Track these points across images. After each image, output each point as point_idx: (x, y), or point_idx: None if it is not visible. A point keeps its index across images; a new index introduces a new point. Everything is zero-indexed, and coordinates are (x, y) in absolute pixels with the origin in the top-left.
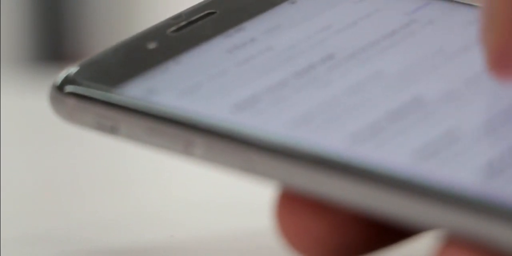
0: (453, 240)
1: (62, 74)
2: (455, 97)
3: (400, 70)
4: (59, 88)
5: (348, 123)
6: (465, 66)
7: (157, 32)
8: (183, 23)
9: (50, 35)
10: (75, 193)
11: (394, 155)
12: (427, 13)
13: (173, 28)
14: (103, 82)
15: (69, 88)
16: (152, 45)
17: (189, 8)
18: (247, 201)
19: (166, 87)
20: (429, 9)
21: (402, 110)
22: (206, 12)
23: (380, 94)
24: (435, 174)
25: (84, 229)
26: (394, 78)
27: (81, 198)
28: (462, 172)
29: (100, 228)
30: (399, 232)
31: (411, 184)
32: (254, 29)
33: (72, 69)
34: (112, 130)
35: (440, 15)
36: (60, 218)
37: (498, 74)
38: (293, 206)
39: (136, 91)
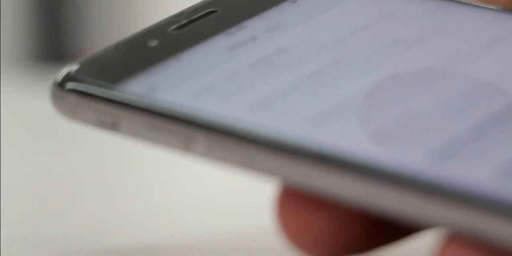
0: (454, 238)
1: (63, 71)
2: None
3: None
4: (60, 85)
5: (346, 120)
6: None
7: (158, 30)
8: (185, 21)
9: (50, 35)
10: (75, 193)
11: (395, 152)
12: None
13: (175, 26)
14: (104, 79)
15: (70, 85)
16: (153, 43)
17: (190, 7)
18: (247, 201)
19: (167, 84)
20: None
21: (396, 107)
22: (207, 10)
23: (380, 92)
24: (437, 171)
25: (84, 229)
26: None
27: (81, 198)
28: (464, 169)
29: (100, 228)
30: (401, 230)
31: (412, 181)
32: (255, 27)
33: (73, 66)
34: (113, 126)
35: (419, 12)
36: (60, 218)
37: None
38: (294, 203)
39: (137, 88)
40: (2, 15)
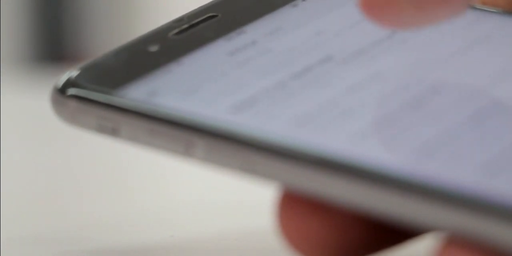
0: (453, 240)
1: (64, 77)
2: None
3: (397, 70)
4: (61, 91)
5: (347, 123)
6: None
7: (159, 35)
8: (185, 26)
9: (50, 35)
10: (75, 193)
11: (395, 155)
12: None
13: (175, 31)
14: (105, 85)
15: (71, 91)
16: (153, 48)
17: (191, 11)
18: (247, 202)
19: (167, 89)
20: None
21: (400, 110)
22: (208, 15)
23: (381, 95)
24: (436, 174)
25: (84, 229)
26: (392, 80)
27: (81, 198)
28: (461, 172)
29: (100, 228)
30: (400, 234)
31: (412, 185)
32: (256, 32)
33: (73, 72)
34: (113, 132)
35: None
36: (60, 218)
37: (366, 11)
38: (294, 207)
39: (137, 93)
40: (2, 15)
